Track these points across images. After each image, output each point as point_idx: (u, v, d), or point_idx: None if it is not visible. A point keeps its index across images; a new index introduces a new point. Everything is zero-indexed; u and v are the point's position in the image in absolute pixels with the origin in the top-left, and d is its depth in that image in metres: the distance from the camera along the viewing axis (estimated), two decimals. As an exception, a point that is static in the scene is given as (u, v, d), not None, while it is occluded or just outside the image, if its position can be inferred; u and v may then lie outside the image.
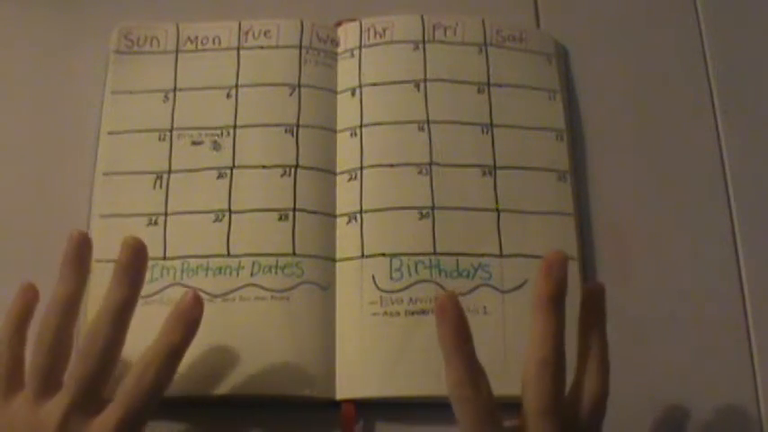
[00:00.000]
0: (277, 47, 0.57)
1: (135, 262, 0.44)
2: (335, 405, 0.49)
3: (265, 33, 0.58)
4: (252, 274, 0.51)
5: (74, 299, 0.45)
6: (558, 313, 0.43)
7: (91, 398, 0.43)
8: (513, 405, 0.49)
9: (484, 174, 0.54)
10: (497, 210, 0.53)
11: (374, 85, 0.56)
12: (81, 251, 0.46)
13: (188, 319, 0.44)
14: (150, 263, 0.51)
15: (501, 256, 0.52)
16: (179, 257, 0.52)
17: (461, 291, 0.51)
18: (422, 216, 0.53)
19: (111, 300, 0.44)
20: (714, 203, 0.56)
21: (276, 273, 0.51)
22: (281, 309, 0.50)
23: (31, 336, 0.45)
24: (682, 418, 0.51)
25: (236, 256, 0.51)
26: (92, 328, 0.44)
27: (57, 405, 0.43)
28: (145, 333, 0.50)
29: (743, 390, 0.51)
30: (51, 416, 0.43)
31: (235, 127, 0.55)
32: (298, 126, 0.55)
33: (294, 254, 0.51)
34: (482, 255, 0.52)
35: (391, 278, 0.51)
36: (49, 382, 0.44)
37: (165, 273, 0.51)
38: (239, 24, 0.58)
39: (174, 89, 0.56)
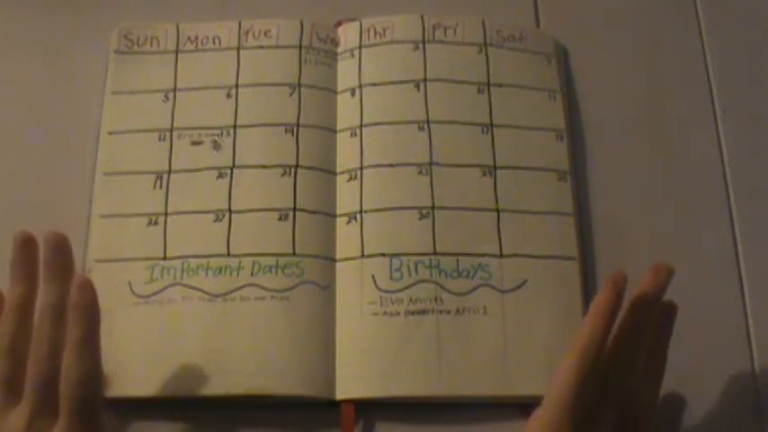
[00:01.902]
0: (277, 47, 0.57)
1: (57, 259, 0.44)
2: (335, 405, 0.49)
3: (265, 33, 0.58)
4: (252, 274, 0.51)
5: (26, 301, 0.45)
6: (643, 315, 0.46)
7: (50, 402, 0.42)
8: (512, 405, 0.49)
9: (484, 174, 0.54)
10: (497, 210, 0.53)
11: (374, 85, 0.56)
12: (28, 251, 0.45)
13: (82, 306, 0.42)
14: (150, 263, 0.51)
15: (501, 256, 0.52)
16: (179, 257, 0.51)
17: (461, 291, 0.51)
18: (422, 216, 0.53)
19: (46, 301, 0.44)
20: (714, 203, 0.56)
21: (276, 273, 0.51)
22: (281, 309, 0.50)
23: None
24: (681, 418, 0.51)
25: (237, 255, 0.51)
26: (36, 335, 0.43)
27: (18, 416, 0.43)
28: (145, 333, 0.50)
29: (743, 390, 0.51)
30: (14, 427, 0.42)
31: (235, 127, 0.55)
32: (298, 126, 0.55)
33: (294, 254, 0.51)
34: (482, 255, 0.52)
35: (391, 278, 0.51)
36: (12, 392, 0.44)
37: (165, 273, 0.51)
38: (239, 24, 0.58)
39: (174, 89, 0.56)
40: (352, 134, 0.55)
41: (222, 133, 0.55)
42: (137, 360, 0.49)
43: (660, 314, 0.48)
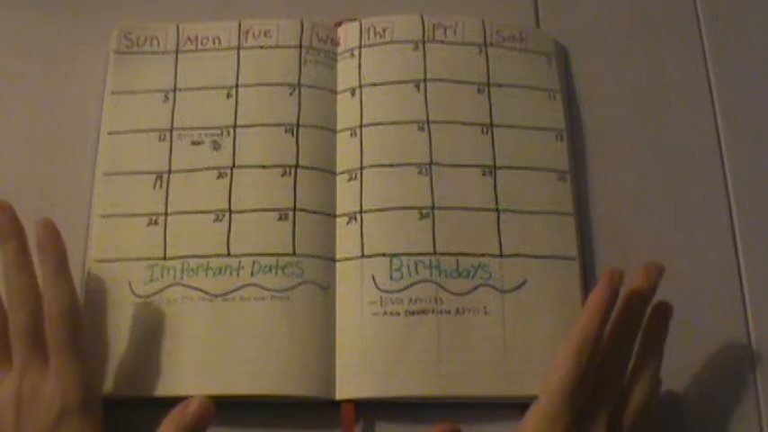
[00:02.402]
0: (277, 47, 0.57)
1: (4, 220, 0.47)
2: (335, 405, 0.49)
3: (265, 33, 0.58)
4: (252, 274, 0.51)
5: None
6: (635, 312, 0.47)
7: (37, 349, 0.45)
8: (512, 405, 0.49)
9: (484, 174, 0.54)
10: (497, 210, 0.53)
11: (374, 85, 0.56)
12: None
13: (49, 243, 0.46)
14: (150, 263, 0.51)
15: (501, 256, 0.52)
16: (179, 257, 0.51)
17: (461, 291, 0.51)
18: (422, 216, 0.53)
19: (6, 255, 0.46)
20: (714, 203, 0.56)
21: (276, 273, 0.51)
22: (281, 309, 0.50)
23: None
24: (681, 418, 0.51)
25: (236, 255, 0.51)
26: (6, 291, 0.46)
27: (12, 374, 0.45)
28: (145, 333, 0.50)
29: (743, 389, 0.51)
30: (10, 388, 0.44)
31: (235, 127, 0.55)
32: (298, 126, 0.55)
33: (294, 254, 0.51)
34: (482, 255, 0.52)
35: (391, 278, 0.51)
36: (5, 355, 0.46)
37: (165, 273, 0.51)
38: (239, 24, 0.58)
39: (174, 89, 0.56)
40: (352, 134, 0.55)
41: (222, 133, 0.55)
42: (137, 360, 0.49)
43: (655, 314, 0.48)
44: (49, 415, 0.44)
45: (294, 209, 0.53)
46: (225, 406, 0.48)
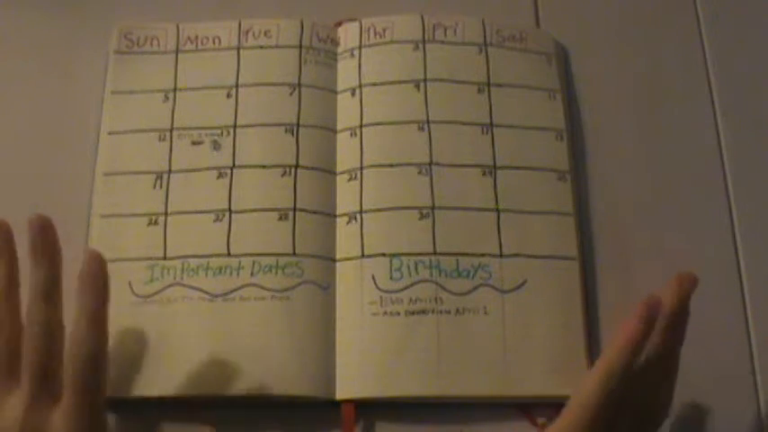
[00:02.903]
0: (277, 47, 0.57)
1: (42, 241, 0.44)
2: (335, 405, 0.49)
3: (265, 33, 0.58)
4: (252, 274, 0.51)
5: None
6: (670, 336, 0.46)
7: (48, 386, 0.42)
8: (512, 405, 0.49)
9: (484, 174, 0.54)
10: (497, 210, 0.53)
11: (374, 85, 0.56)
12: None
13: (93, 277, 0.42)
14: (150, 263, 0.51)
15: (501, 256, 0.52)
16: (179, 257, 0.51)
17: (461, 291, 0.51)
18: (422, 216, 0.53)
19: (35, 283, 0.43)
20: (714, 203, 0.56)
21: (276, 273, 0.51)
22: (281, 309, 0.50)
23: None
24: (681, 418, 0.51)
25: (237, 255, 0.51)
26: (28, 317, 0.43)
27: (17, 400, 0.42)
28: (145, 333, 0.50)
29: (743, 389, 0.51)
30: (14, 411, 0.42)
31: (235, 127, 0.55)
32: (298, 126, 0.55)
33: (294, 254, 0.51)
34: (482, 255, 0.52)
35: (391, 278, 0.51)
36: (11, 374, 0.44)
37: (165, 273, 0.51)
38: (239, 24, 0.58)
39: (174, 89, 0.56)
40: (352, 134, 0.55)
41: (222, 133, 0.55)
42: (137, 360, 0.49)
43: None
44: None
45: (294, 209, 0.53)
46: (225, 406, 0.48)
